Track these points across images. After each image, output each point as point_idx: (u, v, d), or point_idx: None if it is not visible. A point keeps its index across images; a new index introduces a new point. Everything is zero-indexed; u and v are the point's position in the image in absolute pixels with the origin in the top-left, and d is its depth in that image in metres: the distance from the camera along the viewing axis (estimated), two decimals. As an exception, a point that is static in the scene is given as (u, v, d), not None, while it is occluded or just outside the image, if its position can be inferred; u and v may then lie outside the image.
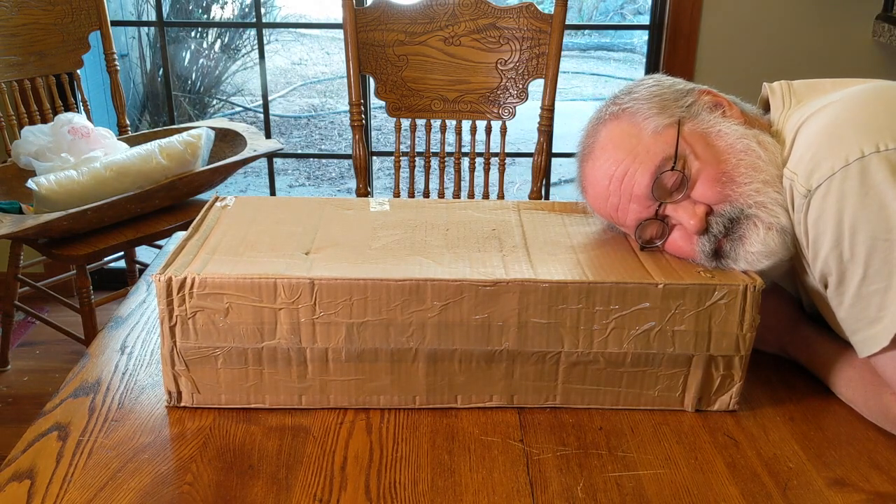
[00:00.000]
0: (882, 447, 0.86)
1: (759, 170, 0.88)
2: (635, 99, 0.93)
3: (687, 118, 0.91)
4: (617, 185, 0.91)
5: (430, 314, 0.86)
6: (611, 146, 0.92)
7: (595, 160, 0.94)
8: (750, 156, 0.89)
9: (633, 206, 0.92)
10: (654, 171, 0.89)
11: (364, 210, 1.04)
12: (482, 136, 1.93)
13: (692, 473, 0.82)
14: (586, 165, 0.96)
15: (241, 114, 5.35)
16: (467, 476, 0.81)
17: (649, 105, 0.92)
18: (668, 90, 0.94)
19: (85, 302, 1.93)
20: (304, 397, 0.91)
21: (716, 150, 0.89)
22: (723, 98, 0.95)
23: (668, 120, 0.91)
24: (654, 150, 0.89)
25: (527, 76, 1.86)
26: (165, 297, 0.85)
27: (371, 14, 1.84)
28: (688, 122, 0.91)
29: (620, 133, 0.92)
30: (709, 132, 0.91)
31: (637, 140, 0.91)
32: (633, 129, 0.91)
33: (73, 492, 0.78)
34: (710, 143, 0.90)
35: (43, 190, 1.71)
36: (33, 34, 2.11)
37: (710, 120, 0.92)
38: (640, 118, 0.91)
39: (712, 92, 0.96)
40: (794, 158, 0.88)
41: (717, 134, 0.90)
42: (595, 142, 0.95)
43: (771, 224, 0.87)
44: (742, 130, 0.90)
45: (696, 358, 0.89)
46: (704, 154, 0.89)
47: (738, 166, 0.88)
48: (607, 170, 0.92)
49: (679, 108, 0.92)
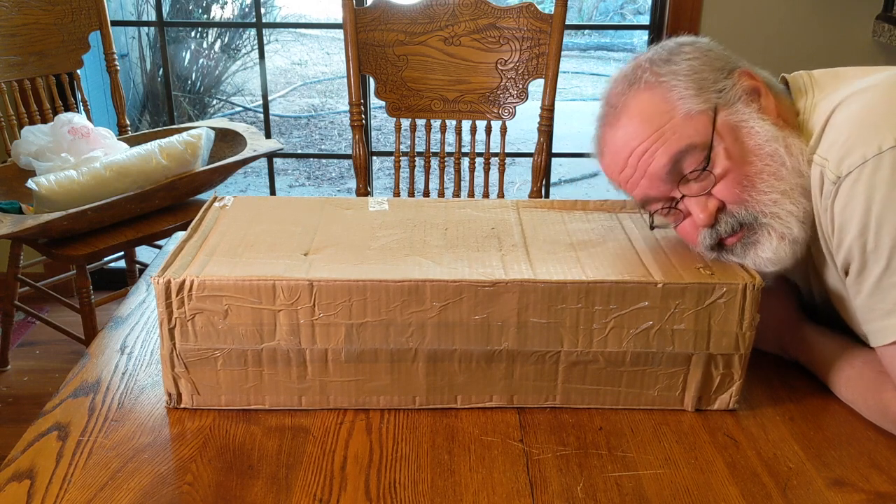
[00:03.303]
0: (882, 447, 0.86)
1: (781, 178, 0.87)
2: (674, 73, 0.90)
3: (722, 106, 0.89)
4: (635, 161, 0.90)
5: (430, 314, 0.86)
6: (638, 119, 0.90)
7: (619, 129, 0.92)
8: (775, 162, 0.88)
9: (643, 183, 0.91)
10: (674, 154, 0.88)
11: (363, 209, 1.04)
12: (482, 136, 1.93)
13: (692, 473, 0.82)
14: (608, 130, 0.94)
15: (241, 114, 5.35)
16: (467, 476, 0.81)
17: (687, 83, 0.89)
18: (708, 67, 0.91)
19: (85, 302, 1.93)
20: (303, 398, 0.91)
21: (744, 149, 0.88)
22: (760, 82, 0.92)
23: (704, 106, 0.89)
24: (682, 134, 0.88)
25: (527, 76, 1.86)
26: (164, 300, 0.85)
27: (371, 14, 1.84)
28: (722, 111, 0.89)
29: (652, 107, 0.90)
30: (741, 126, 0.89)
31: (667, 118, 0.89)
32: (666, 105, 0.89)
33: (73, 492, 0.78)
34: (740, 138, 0.88)
35: (43, 190, 1.71)
36: (33, 34, 2.11)
37: (745, 113, 0.89)
38: (675, 96, 0.89)
39: (751, 74, 0.93)
40: (825, 143, 0.87)
41: (749, 131, 0.89)
42: (623, 108, 0.92)
43: (783, 235, 0.88)
44: (773, 132, 0.89)
45: (696, 357, 0.89)
46: (733, 150, 0.88)
47: (761, 172, 0.88)
48: (629, 143, 0.90)
49: (716, 91, 0.89)
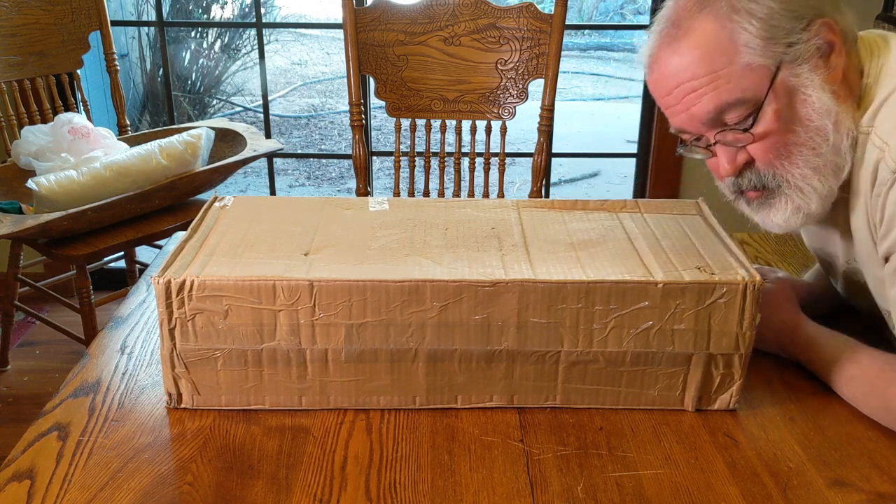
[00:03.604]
0: (882, 447, 0.86)
1: (818, 155, 0.87)
2: (750, 12, 0.85)
3: (787, 63, 0.86)
4: (681, 94, 0.89)
5: (430, 315, 0.86)
6: (698, 53, 0.87)
7: (674, 54, 0.89)
8: (819, 137, 0.87)
9: (682, 117, 0.91)
10: (722, 104, 0.87)
11: (363, 209, 1.04)
12: (482, 136, 1.93)
13: (692, 473, 0.82)
14: (663, 50, 0.90)
15: (241, 114, 5.35)
16: (467, 476, 0.81)
17: (759, 29, 0.85)
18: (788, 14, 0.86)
19: (85, 302, 1.93)
20: (304, 398, 0.91)
21: (793, 116, 0.87)
22: (837, 36, 0.88)
23: (767, 60, 0.85)
24: (736, 85, 0.86)
25: (527, 76, 1.86)
26: (165, 300, 0.85)
27: (371, 14, 1.84)
28: (785, 69, 0.86)
29: (715, 45, 0.86)
30: (798, 90, 0.87)
31: (726, 62, 0.86)
32: (730, 47, 0.85)
33: (73, 492, 0.78)
34: (793, 103, 0.87)
35: (43, 190, 1.71)
36: (33, 34, 2.11)
37: (808, 78, 0.86)
38: (743, 40, 0.85)
39: (832, 26, 0.87)
40: (886, 123, 0.86)
41: (805, 99, 0.86)
42: (685, 33, 0.88)
43: (800, 207, 0.89)
44: (828, 105, 0.86)
45: (696, 357, 0.89)
46: (782, 114, 0.86)
47: (802, 144, 0.87)
48: (679, 74, 0.88)
49: (786, 45, 0.86)
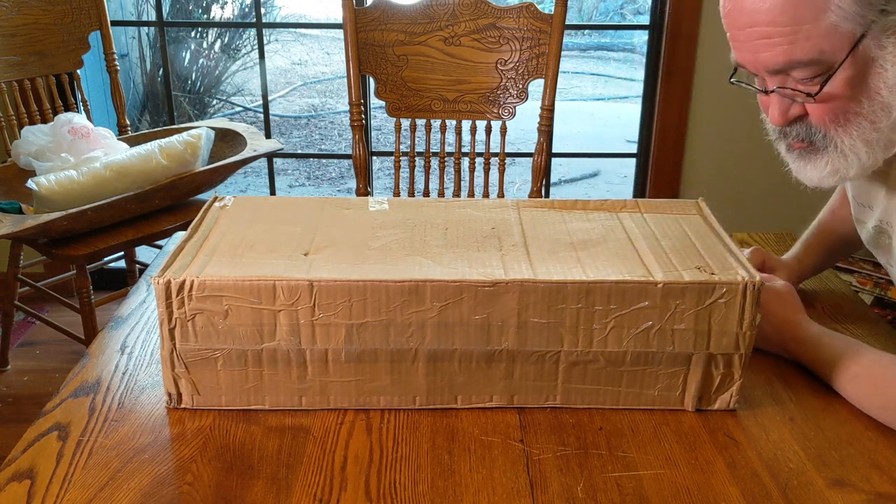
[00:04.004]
0: (882, 447, 0.86)
1: (876, 129, 0.86)
2: None
3: (874, 31, 0.82)
4: (753, 35, 0.86)
5: (430, 315, 0.86)
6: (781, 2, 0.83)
7: None
8: (882, 112, 0.85)
9: (748, 56, 0.89)
10: (794, 61, 0.84)
11: (363, 209, 1.04)
12: (482, 136, 1.93)
13: (692, 473, 0.82)
14: None
15: (241, 114, 5.35)
16: (467, 476, 0.81)
17: None
18: None
19: (85, 302, 1.93)
20: (304, 398, 0.91)
21: (863, 86, 0.85)
22: None
23: (854, 26, 0.82)
24: (814, 45, 0.83)
25: (527, 76, 1.86)
26: (165, 300, 0.85)
27: (371, 14, 1.84)
28: (870, 37, 0.83)
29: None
30: (876, 62, 0.84)
31: (811, 17, 0.82)
32: (820, 2, 0.81)
33: (74, 492, 0.78)
34: (867, 73, 0.84)
35: (43, 190, 1.71)
36: (33, 34, 2.11)
37: (891, 52, 0.83)
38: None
39: None
40: None
41: (881, 72, 0.84)
42: None
43: (838, 170, 0.89)
44: None
45: (696, 356, 0.89)
46: (853, 82, 0.84)
47: (863, 116, 0.86)
48: (755, 15, 0.85)
49: (879, 10, 0.81)
